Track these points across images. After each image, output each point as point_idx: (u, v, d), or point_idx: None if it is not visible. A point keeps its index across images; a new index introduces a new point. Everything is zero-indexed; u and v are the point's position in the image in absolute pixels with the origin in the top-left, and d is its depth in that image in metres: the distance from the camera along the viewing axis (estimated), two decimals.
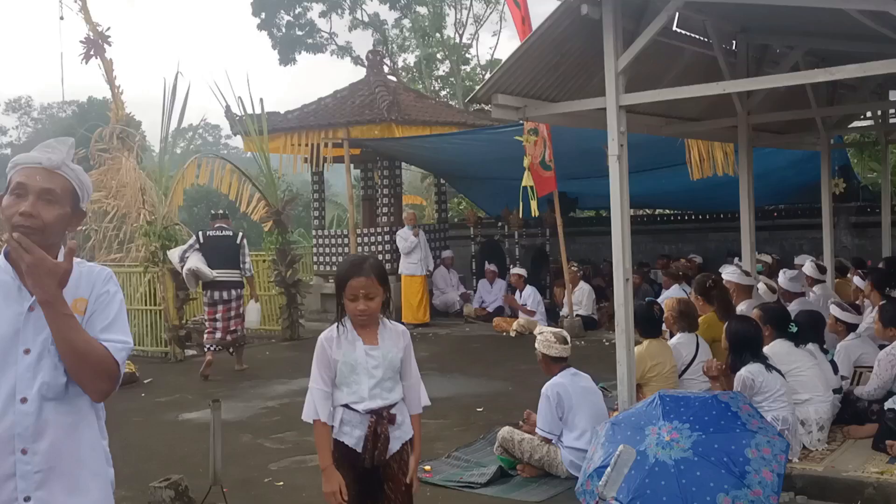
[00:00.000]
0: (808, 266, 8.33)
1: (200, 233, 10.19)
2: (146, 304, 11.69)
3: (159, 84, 35.08)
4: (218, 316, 9.81)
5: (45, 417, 2.14)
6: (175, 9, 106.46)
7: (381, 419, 3.35)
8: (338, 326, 3.40)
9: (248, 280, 10.09)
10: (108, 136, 14.05)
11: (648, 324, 5.80)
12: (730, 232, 10.63)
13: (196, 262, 9.68)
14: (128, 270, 12.21)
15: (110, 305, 2.25)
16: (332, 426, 3.38)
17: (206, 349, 9.88)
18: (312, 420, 3.40)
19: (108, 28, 13.69)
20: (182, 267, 9.86)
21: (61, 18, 13.41)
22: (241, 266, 9.90)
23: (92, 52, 13.52)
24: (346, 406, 3.37)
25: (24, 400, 2.12)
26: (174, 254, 10.27)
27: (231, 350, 10.10)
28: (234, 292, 9.90)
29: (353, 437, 3.37)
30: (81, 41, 13.54)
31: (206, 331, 9.96)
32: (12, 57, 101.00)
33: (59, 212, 2.18)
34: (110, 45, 13.58)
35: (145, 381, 9.64)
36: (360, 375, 3.36)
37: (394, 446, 3.40)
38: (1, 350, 2.12)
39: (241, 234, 10.20)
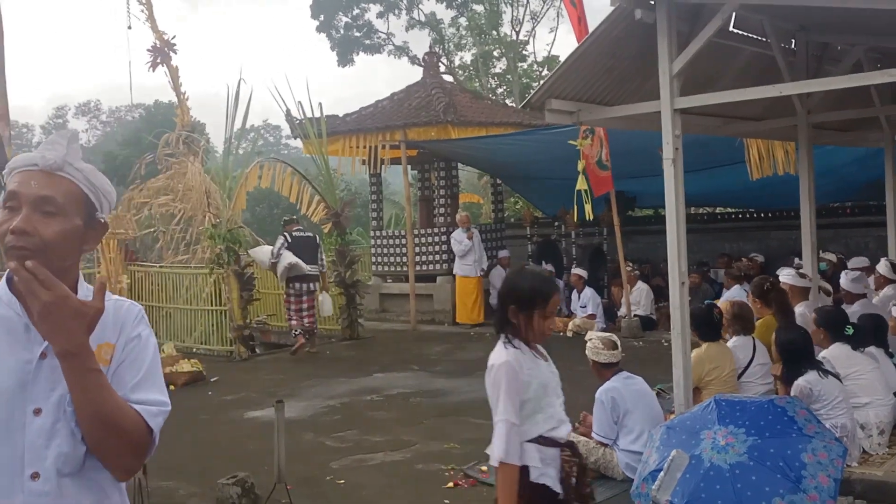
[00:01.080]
0: (882, 265, 8.07)
1: (287, 234, 11.46)
2: (212, 305, 12.03)
3: (222, 84, 35.76)
4: (304, 305, 11.35)
5: (65, 500, 1.64)
6: (237, 13, 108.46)
7: (574, 447, 2.96)
8: (510, 344, 3.02)
9: (322, 275, 11.63)
10: (175, 141, 14.46)
11: (707, 327, 5.78)
12: (793, 230, 10.45)
13: (292, 257, 11.11)
14: (194, 272, 12.58)
15: (143, 354, 1.76)
16: (530, 467, 2.88)
17: (294, 334, 11.35)
18: (502, 462, 2.86)
19: (174, 36, 14.05)
20: (274, 264, 11.21)
21: (129, 28, 13.82)
22: (320, 262, 11.49)
23: (158, 60, 13.90)
24: (539, 439, 2.93)
25: (35, 476, 1.61)
26: (260, 252, 11.72)
27: (307, 335, 11.35)
28: (314, 285, 11.48)
29: (551, 475, 2.90)
30: (148, 49, 13.94)
31: (293, 319, 11.41)
32: (83, 63, 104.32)
33: (63, 226, 1.68)
34: (176, 53, 13.94)
35: (212, 380, 9.95)
36: (551, 397, 3.01)
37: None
38: (2, 410, 1.62)
39: (316, 235, 11.95)
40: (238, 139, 14.08)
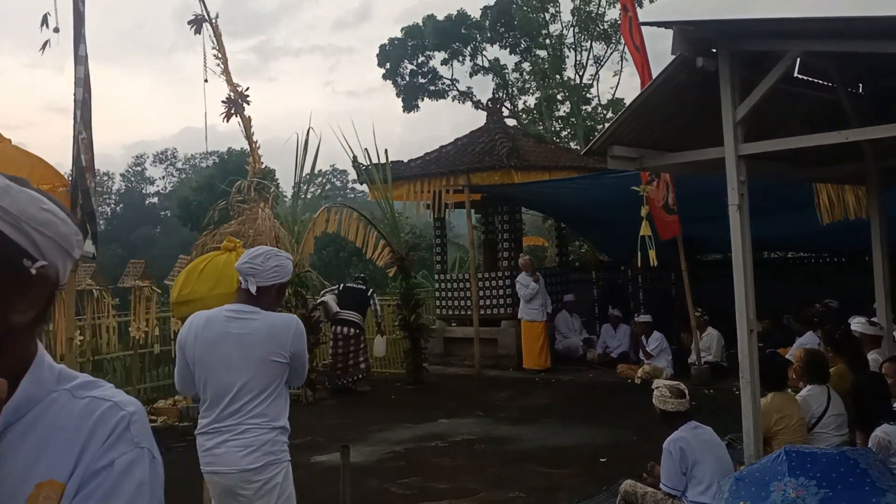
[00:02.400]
0: None
1: (342, 284, 12.78)
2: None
3: (292, 131, 36.69)
4: (340, 350, 12.15)
5: None
6: (305, 63, 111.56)
7: None
8: None
9: (376, 323, 12.93)
10: (246, 188, 14.89)
11: (771, 376, 5.66)
12: (870, 275, 10.18)
13: (328, 298, 12.38)
14: None
15: (112, 501, 1.10)
16: None
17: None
18: None
19: (247, 88, 14.58)
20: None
21: (206, 81, 14.33)
22: (369, 309, 12.73)
23: (232, 111, 14.41)
24: None
25: None
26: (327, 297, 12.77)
27: (350, 381, 12.14)
28: (352, 330, 12.21)
29: None
30: (223, 101, 14.47)
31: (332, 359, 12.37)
32: (160, 113, 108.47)
33: None
34: (249, 104, 14.44)
35: None
36: None
37: None
38: None
39: (371, 289, 13.04)
40: (306, 184, 14.45)
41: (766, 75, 5.39)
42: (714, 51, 5.39)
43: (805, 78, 6.17)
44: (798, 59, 5.68)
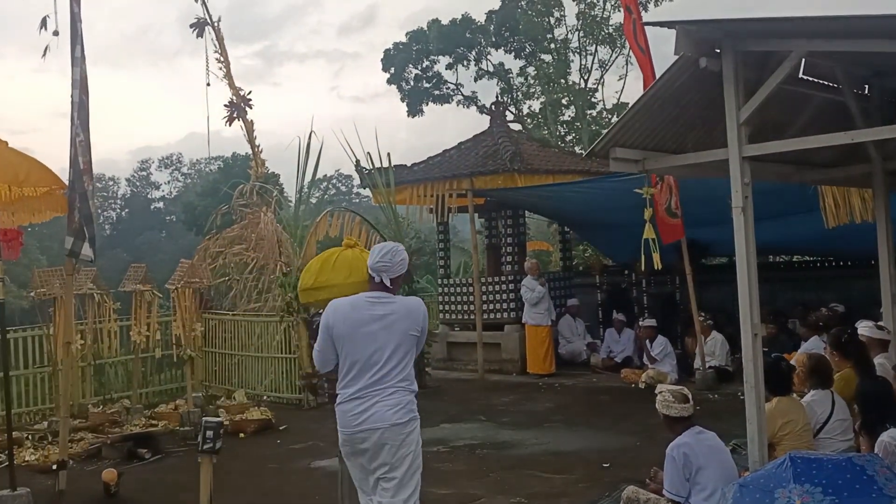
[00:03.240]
0: None
1: None
2: (282, 352, 12.19)
3: (297, 137, 36.86)
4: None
5: None
6: (310, 69, 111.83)
7: None
8: None
9: None
10: (249, 192, 14.88)
11: (776, 381, 5.58)
12: (876, 279, 10.09)
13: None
14: (265, 319, 12.80)
15: None
16: None
17: None
18: None
19: (250, 92, 14.60)
20: None
21: (208, 85, 14.34)
22: None
23: (235, 115, 14.43)
24: None
25: None
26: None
27: None
28: None
29: None
30: (226, 105, 14.49)
31: None
32: (165, 118, 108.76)
33: None
34: (251, 108, 14.46)
35: (280, 428, 10.03)
36: None
37: None
38: None
39: None
40: (310, 189, 14.43)
41: (770, 76, 5.32)
42: (718, 51, 5.33)
43: (810, 79, 6.09)
44: (803, 60, 5.62)
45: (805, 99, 6.26)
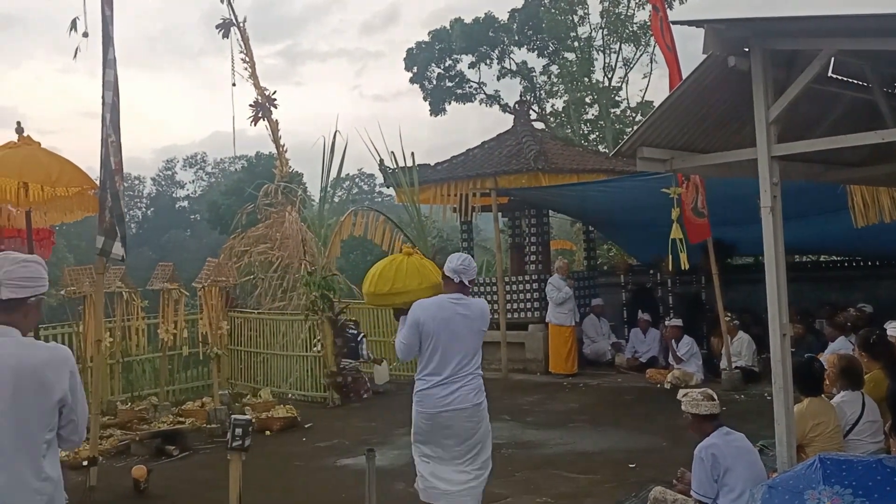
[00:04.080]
0: None
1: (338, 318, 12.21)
2: (306, 351, 12.27)
3: (319, 135, 37.08)
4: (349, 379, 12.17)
5: None
6: (332, 68, 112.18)
7: None
8: None
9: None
10: (273, 191, 14.99)
11: (807, 381, 5.53)
12: None
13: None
14: (290, 318, 12.89)
15: None
16: None
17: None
18: None
19: (275, 92, 14.71)
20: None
21: (234, 85, 14.47)
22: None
23: (260, 115, 14.55)
24: None
25: None
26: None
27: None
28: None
29: None
30: (251, 105, 14.61)
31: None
32: (190, 117, 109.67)
33: None
34: (276, 108, 14.56)
35: (306, 426, 10.10)
36: None
37: None
38: None
39: (362, 334, 12.91)
40: (333, 188, 14.51)
41: (799, 75, 5.28)
42: (746, 50, 5.30)
43: (840, 77, 6.04)
44: (832, 58, 5.57)
45: (834, 98, 6.21)
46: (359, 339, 12.70)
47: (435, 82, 33.49)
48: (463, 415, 5.27)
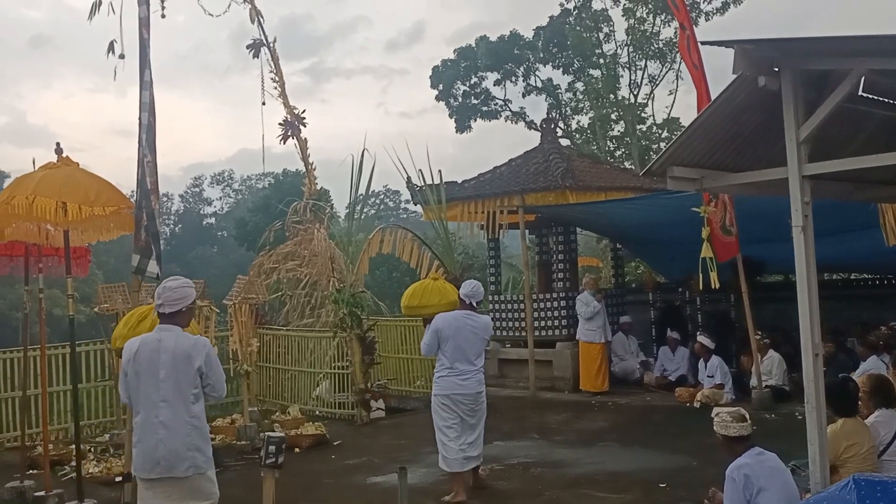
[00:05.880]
0: None
1: None
2: (335, 368, 12.33)
3: (346, 152, 37.33)
4: None
5: None
6: (357, 84, 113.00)
7: None
8: None
9: None
10: (302, 209, 15.13)
11: (842, 401, 5.49)
12: None
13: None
14: (318, 335, 12.97)
15: None
16: None
17: None
18: None
19: (304, 111, 14.87)
20: None
21: (263, 104, 14.61)
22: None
23: (289, 133, 14.71)
24: None
25: None
26: None
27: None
28: None
29: None
30: (280, 123, 14.78)
31: None
32: (218, 135, 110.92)
33: None
34: (305, 126, 14.72)
35: (335, 443, 10.14)
36: None
37: None
38: None
39: None
40: (360, 206, 14.63)
41: (829, 94, 5.28)
42: (776, 70, 5.31)
43: (870, 96, 6.02)
44: (863, 77, 5.56)
45: (865, 116, 6.18)
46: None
47: (460, 99, 33.65)
48: (468, 398, 7.37)
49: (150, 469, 4.86)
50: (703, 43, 9.34)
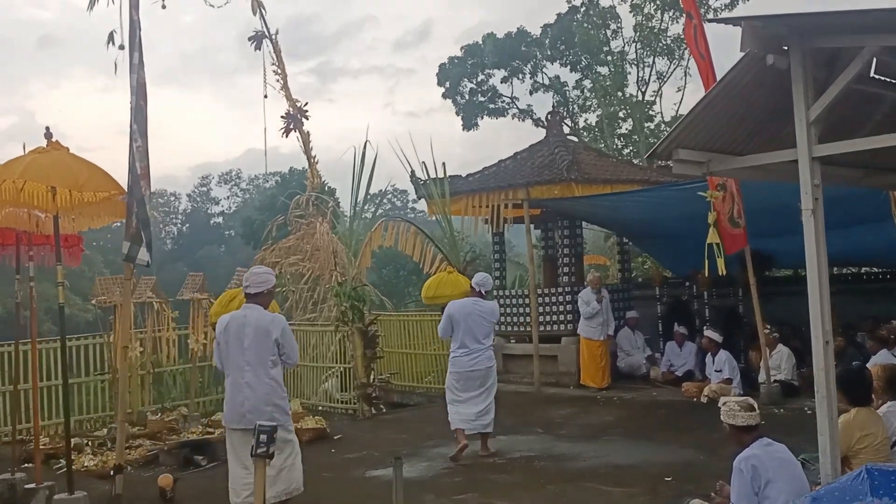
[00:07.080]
0: None
1: None
2: (337, 362, 12.19)
3: (352, 149, 37.30)
4: None
5: None
6: (363, 84, 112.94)
7: None
8: None
9: None
10: (305, 203, 14.98)
11: (858, 390, 5.30)
12: None
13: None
14: (321, 329, 12.83)
15: None
16: None
17: None
18: None
19: (306, 103, 14.72)
20: None
21: (265, 96, 14.44)
22: None
23: (291, 126, 14.55)
24: None
25: None
26: None
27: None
28: None
29: None
30: (282, 116, 14.63)
31: None
32: (225, 134, 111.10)
33: None
34: (307, 119, 14.56)
35: (335, 438, 9.99)
36: None
37: None
38: None
39: None
40: (364, 203, 14.46)
41: (840, 73, 5.11)
42: (785, 48, 5.13)
43: (882, 78, 5.83)
44: (875, 59, 5.37)
45: (876, 99, 6.01)
46: None
47: (467, 97, 33.47)
48: (479, 373, 8.53)
49: (237, 421, 5.87)
50: (710, 20, 9.22)
